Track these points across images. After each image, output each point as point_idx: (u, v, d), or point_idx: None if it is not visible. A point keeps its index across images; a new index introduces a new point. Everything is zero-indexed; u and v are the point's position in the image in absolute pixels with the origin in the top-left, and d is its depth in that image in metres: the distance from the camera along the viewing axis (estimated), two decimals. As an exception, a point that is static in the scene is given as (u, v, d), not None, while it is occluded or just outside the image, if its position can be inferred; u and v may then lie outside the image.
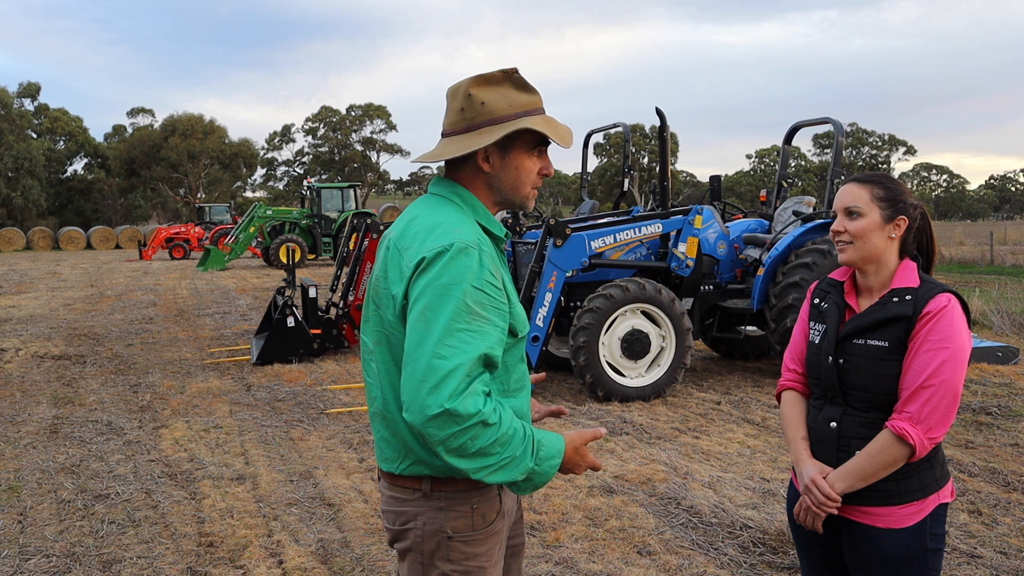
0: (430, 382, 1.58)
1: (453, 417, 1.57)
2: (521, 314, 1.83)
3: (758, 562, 3.80)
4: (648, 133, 62.05)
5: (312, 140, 68.37)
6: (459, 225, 1.74)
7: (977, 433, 5.89)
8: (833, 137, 7.97)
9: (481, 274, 1.67)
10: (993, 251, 23.36)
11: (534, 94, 1.83)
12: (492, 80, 1.80)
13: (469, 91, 1.79)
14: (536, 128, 1.77)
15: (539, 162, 1.86)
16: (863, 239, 2.09)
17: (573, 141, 1.87)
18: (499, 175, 1.83)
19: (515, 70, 1.82)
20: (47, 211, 51.42)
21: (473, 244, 1.69)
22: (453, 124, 1.82)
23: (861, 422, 2.08)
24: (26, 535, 4.25)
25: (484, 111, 1.78)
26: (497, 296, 1.70)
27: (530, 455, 1.67)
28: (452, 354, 1.59)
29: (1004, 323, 10.25)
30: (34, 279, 21.36)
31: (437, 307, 1.63)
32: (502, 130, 1.76)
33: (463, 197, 1.83)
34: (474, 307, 1.64)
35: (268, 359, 8.69)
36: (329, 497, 4.70)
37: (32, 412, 6.82)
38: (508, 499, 1.89)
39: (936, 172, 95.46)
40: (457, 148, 1.79)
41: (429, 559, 1.79)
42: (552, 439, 1.74)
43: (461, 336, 1.61)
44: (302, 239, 24.98)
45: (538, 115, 1.82)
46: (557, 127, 1.84)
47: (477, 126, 1.79)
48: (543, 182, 1.92)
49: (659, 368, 7.06)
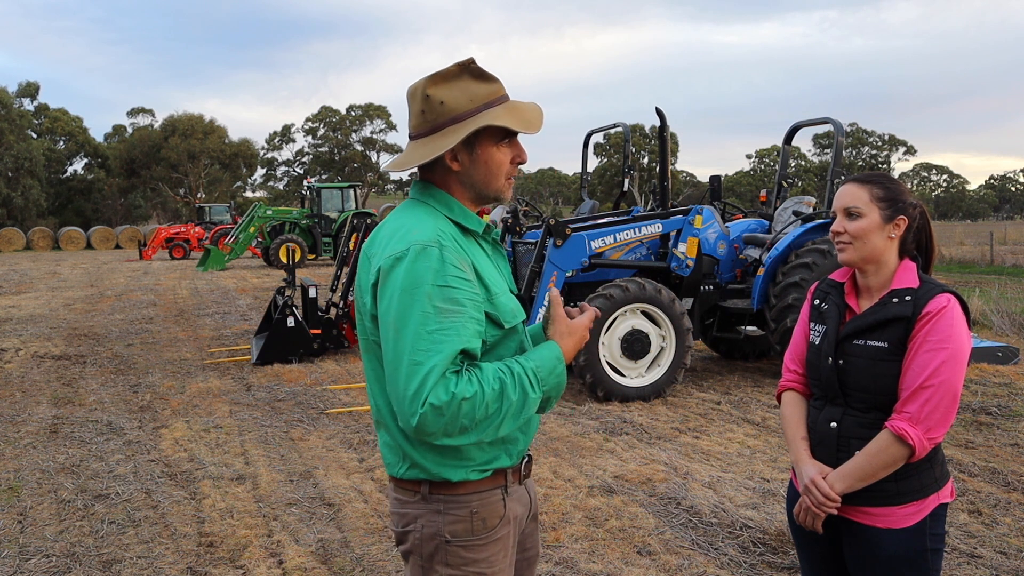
0: (411, 390, 1.60)
1: (435, 412, 1.58)
2: (507, 304, 1.80)
3: (758, 562, 3.80)
4: (648, 133, 62.06)
5: (312, 140, 68.41)
6: (417, 226, 1.72)
7: (977, 433, 5.89)
8: (833, 137, 7.97)
9: (444, 270, 1.65)
10: (993, 251, 23.36)
11: (494, 83, 1.79)
12: (448, 76, 1.76)
13: (426, 92, 1.76)
14: (497, 123, 1.73)
15: (510, 151, 1.81)
16: (863, 239, 2.09)
17: (543, 120, 1.82)
18: (470, 172, 1.80)
19: (471, 60, 1.78)
20: (47, 211, 51.42)
21: (431, 242, 1.67)
22: (417, 127, 1.80)
23: (861, 422, 2.08)
24: (26, 535, 4.25)
25: (444, 111, 1.75)
26: (466, 287, 1.67)
27: (532, 388, 1.68)
28: (426, 358, 1.60)
29: (1004, 323, 10.25)
30: (34, 279, 21.36)
31: (404, 314, 1.63)
32: (464, 130, 1.73)
33: (436, 198, 1.82)
34: (441, 305, 1.63)
35: (268, 359, 8.69)
36: (329, 497, 4.70)
37: (32, 412, 6.82)
38: (516, 505, 1.84)
39: (936, 172, 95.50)
40: (423, 153, 1.77)
41: (428, 562, 1.78)
42: (544, 353, 1.74)
43: (433, 338, 1.61)
44: (302, 239, 24.98)
45: (500, 105, 1.78)
46: (521, 113, 1.79)
47: (439, 127, 1.76)
48: (518, 171, 1.87)
49: (659, 368, 7.06)
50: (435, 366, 1.59)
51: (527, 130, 1.77)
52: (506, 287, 1.86)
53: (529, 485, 1.93)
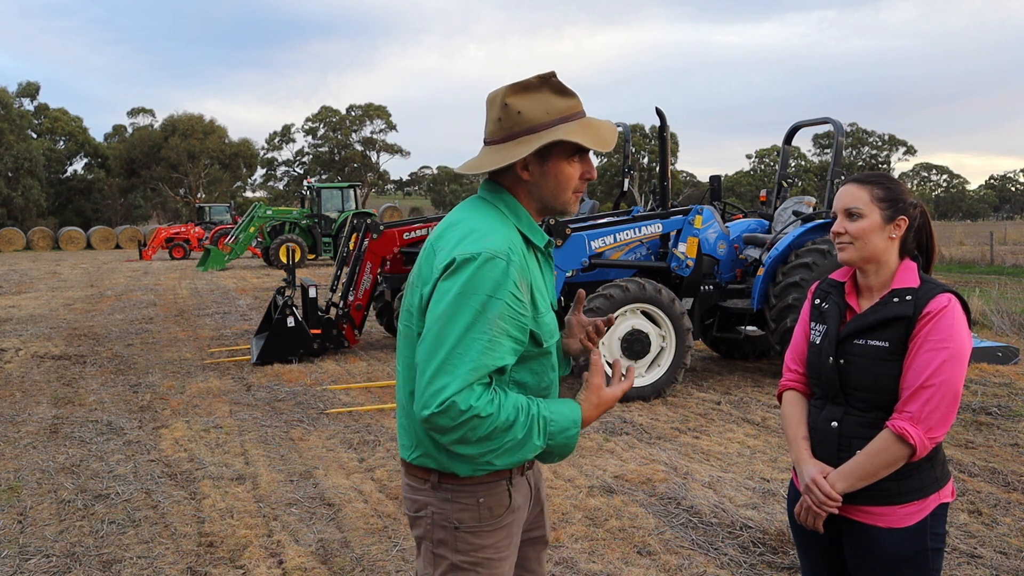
0: (436, 384, 1.64)
1: (448, 415, 1.63)
2: (549, 324, 1.85)
3: (758, 562, 3.80)
4: (648, 133, 62.10)
5: (312, 140, 68.45)
6: (492, 233, 1.75)
7: (977, 433, 5.88)
8: (833, 137, 7.97)
9: (505, 285, 1.69)
10: (993, 251, 23.36)
11: (572, 98, 1.83)
12: (529, 87, 1.80)
13: (505, 100, 1.79)
14: (570, 138, 1.76)
15: (580, 167, 1.85)
16: (863, 240, 2.09)
17: (616, 139, 1.85)
18: (539, 183, 1.84)
19: (553, 74, 1.81)
20: (47, 211, 51.45)
21: (502, 255, 1.70)
22: (492, 133, 1.84)
23: (862, 422, 2.08)
24: (26, 535, 4.25)
25: (520, 120, 1.78)
26: (518, 308, 1.72)
27: (537, 435, 1.72)
28: (462, 361, 1.64)
29: (1004, 323, 10.25)
30: (34, 279, 21.36)
31: (456, 313, 1.67)
32: (538, 141, 1.76)
33: (507, 203, 1.85)
34: (492, 317, 1.67)
35: (268, 359, 8.69)
36: (329, 497, 4.70)
37: (32, 412, 6.82)
38: (519, 494, 1.90)
39: (936, 172, 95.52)
40: (495, 160, 1.81)
41: (439, 548, 1.85)
42: (564, 411, 1.77)
43: (474, 345, 1.65)
44: (302, 239, 24.99)
45: (576, 120, 1.81)
46: (596, 131, 1.82)
47: (514, 136, 1.80)
48: (585, 187, 1.91)
49: (659, 368, 7.06)
50: (466, 372, 1.64)
51: (600, 147, 1.81)
52: (550, 304, 1.91)
53: (530, 476, 1.98)
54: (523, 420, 1.70)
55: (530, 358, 1.81)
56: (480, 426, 1.65)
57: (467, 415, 1.63)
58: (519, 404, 1.71)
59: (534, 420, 1.72)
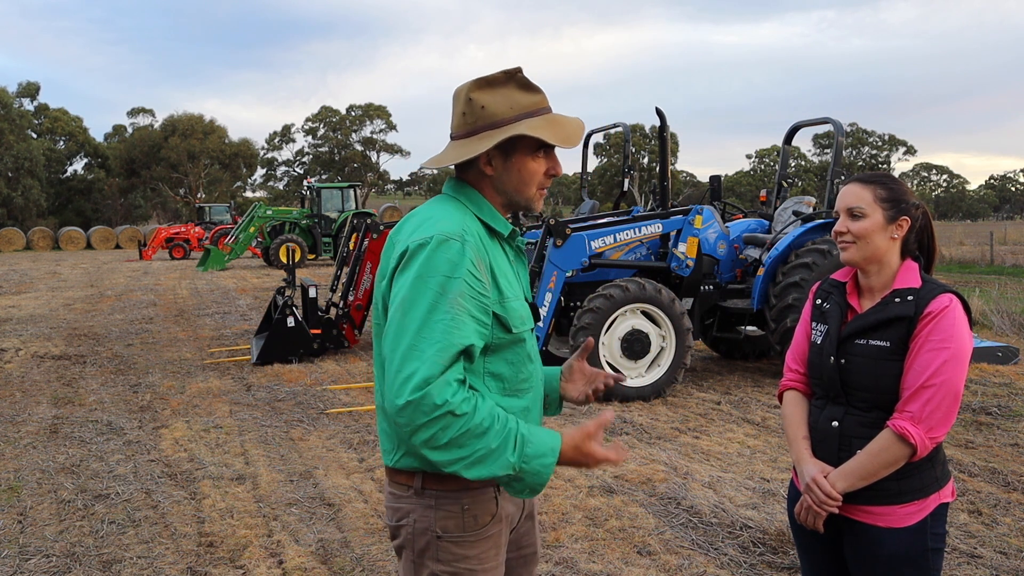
0: (404, 372, 1.60)
1: (420, 407, 1.58)
2: (518, 310, 1.80)
3: (758, 562, 3.80)
4: (648, 133, 62.08)
5: (312, 140, 68.43)
6: (445, 218, 1.75)
7: (977, 433, 5.88)
8: (833, 137, 7.97)
9: (462, 263, 1.67)
10: (993, 251, 23.37)
11: (537, 93, 1.82)
12: (494, 82, 1.79)
13: (470, 95, 1.79)
14: (532, 133, 1.75)
15: (545, 163, 1.83)
16: (866, 240, 2.09)
17: (582, 136, 1.84)
18: (502, 178, 1.83)
19: (518, 70, 1.81)
20: (47, 211, 51.44)
21: (455, 236, 1.70)
22: (457, 128, 1.83)
23: (863, 422, 2.08)
24: (26, 535, 4.25)
25: (484, 115, 1.78)
26: (477, 287, 1.69)
27: (511, 450, 1.63)
28: (427, 345, 1.61)
29: (1004, 323, 10.25)
30: (34, 279, 21.36)
31: (416, 298, 1.65)
32: (500, 135, 1.76)
33: (469, 197, 1.84)
34: (452, 297, 1.64)
35: (268, 359, 8.69)
36: (329, 497, 4.70)
37: (32, 412, 6.82)
38: (507, 504, 1.85)
39: (936, 172, 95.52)
40: (458, 154, 1.80)
41: (420, 557, 1.79)
42: (544, 437, 1.68)
43: (437, 327, 1.62)
44: (302, 239, 24.99)
45: (541, 116, 1.80)
46: (561, 127, 1.80)
47: (478, 130, 1.79)
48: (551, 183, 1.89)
49: (659, 368, 7.06)
50: (433, 356, 1.60)
51: (562, 144, 1.79)
52: (521, 293, 1.87)
53: None
54: (498, 428, 1.63)
55: (503, 346, 1.77)
56: (452, 425, 1.58)
57: (441, 410, 1.57)
58: (496, 413, 1.65)
59: (510, 433, 1.64)
